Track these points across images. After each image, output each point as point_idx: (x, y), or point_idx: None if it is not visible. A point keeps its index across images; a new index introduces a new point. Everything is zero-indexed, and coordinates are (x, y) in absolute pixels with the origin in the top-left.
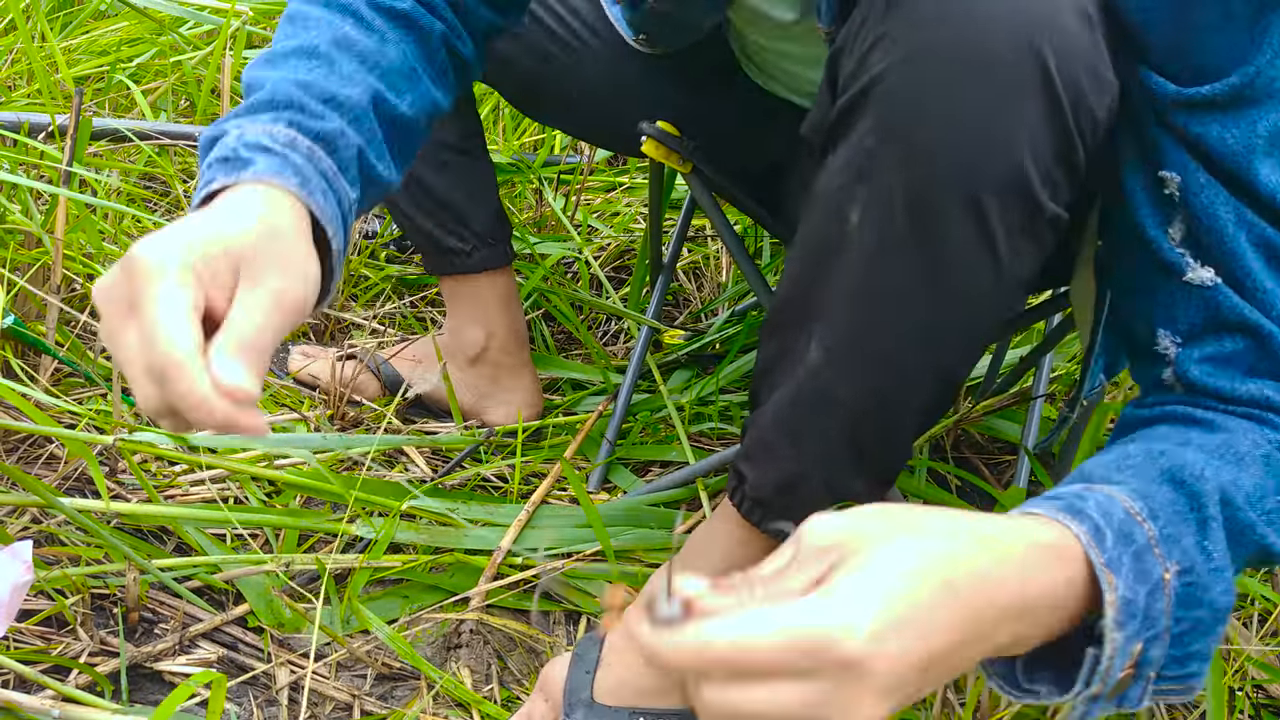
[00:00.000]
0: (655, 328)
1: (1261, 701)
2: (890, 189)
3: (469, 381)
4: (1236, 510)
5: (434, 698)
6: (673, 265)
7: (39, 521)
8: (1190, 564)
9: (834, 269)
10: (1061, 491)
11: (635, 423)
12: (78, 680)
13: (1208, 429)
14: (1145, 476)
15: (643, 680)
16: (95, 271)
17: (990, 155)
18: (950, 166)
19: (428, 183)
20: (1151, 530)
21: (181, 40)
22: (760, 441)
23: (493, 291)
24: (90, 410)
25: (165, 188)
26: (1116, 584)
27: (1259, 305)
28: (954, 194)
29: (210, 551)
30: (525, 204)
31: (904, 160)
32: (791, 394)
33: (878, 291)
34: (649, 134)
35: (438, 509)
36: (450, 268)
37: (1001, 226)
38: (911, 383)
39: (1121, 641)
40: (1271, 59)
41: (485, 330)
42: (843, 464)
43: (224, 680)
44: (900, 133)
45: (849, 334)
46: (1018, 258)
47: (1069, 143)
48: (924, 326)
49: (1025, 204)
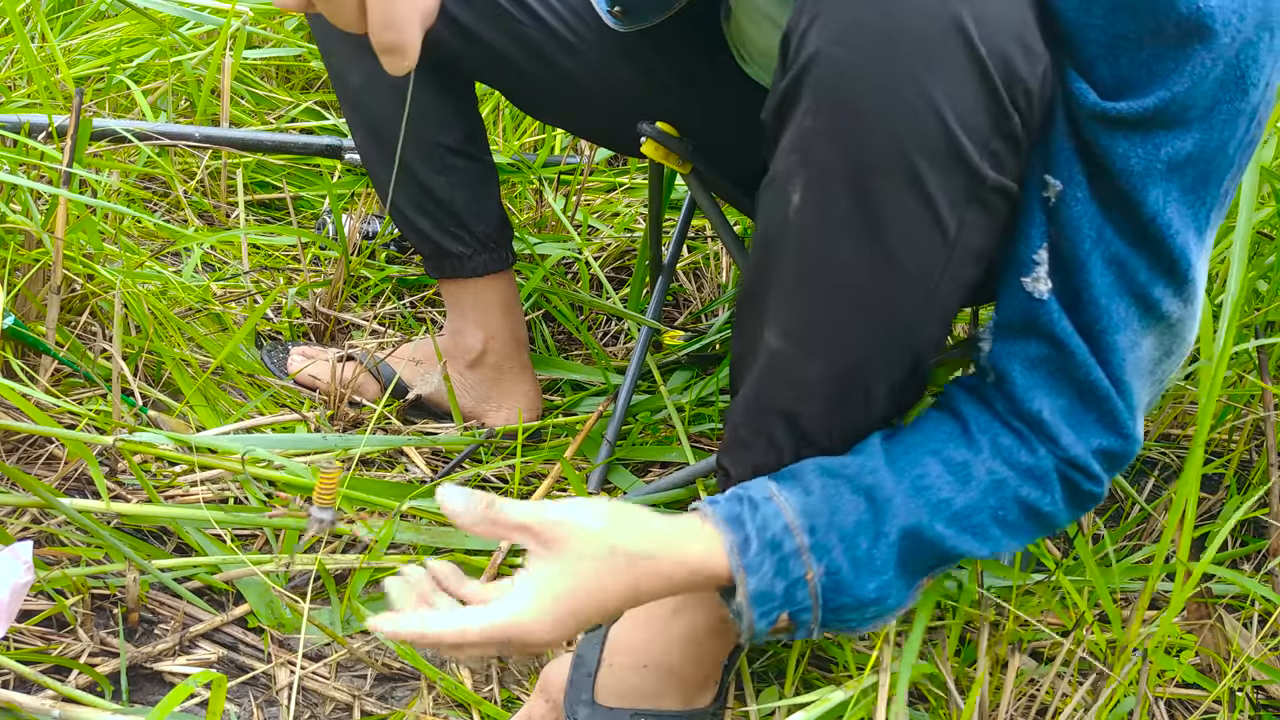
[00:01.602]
0: (655, 328)
1: (1262, 702)
2: (828, 166)
3: (468, 385)
4: (924, 528)
5: (434, 698)
6: (672, 266)
7: (39, 522)
8: (838, 567)
9: (784, 252)
10: (752, 492)
11: (635, 424)
12: (78, 680)
13: (967, 444)
14: (850, 485)
15: (644, 681)
16: (95, 271)
17: (923, 126)
18: (885, 140)
19: (429, 185)
20: (803, 540)
21: (181, 40)
22: (734, 434)
23: (493, 295)
24: (90, 410)
25: (165, 188)
26: (749, 580)
27: (1085, 318)
28: (891, 166)
29: (210, 552)
30: (525, 204)
31: (839, 137)
32: (756, 383)
33: (827, 271)
34: (648, 134)
35: (438, 510)
36: (451, 271)
37: (943, 195)
38: (874, 361)
39: (755, 616)
40: (1189, 89)
41: (485, 334)
42: (816, 452)
43: (224, 680)
44: (834, 110)
45: (804, 317)
46: (965, 227)
47: (1002, 110)
48: (879, 303)
49: (964, 172)
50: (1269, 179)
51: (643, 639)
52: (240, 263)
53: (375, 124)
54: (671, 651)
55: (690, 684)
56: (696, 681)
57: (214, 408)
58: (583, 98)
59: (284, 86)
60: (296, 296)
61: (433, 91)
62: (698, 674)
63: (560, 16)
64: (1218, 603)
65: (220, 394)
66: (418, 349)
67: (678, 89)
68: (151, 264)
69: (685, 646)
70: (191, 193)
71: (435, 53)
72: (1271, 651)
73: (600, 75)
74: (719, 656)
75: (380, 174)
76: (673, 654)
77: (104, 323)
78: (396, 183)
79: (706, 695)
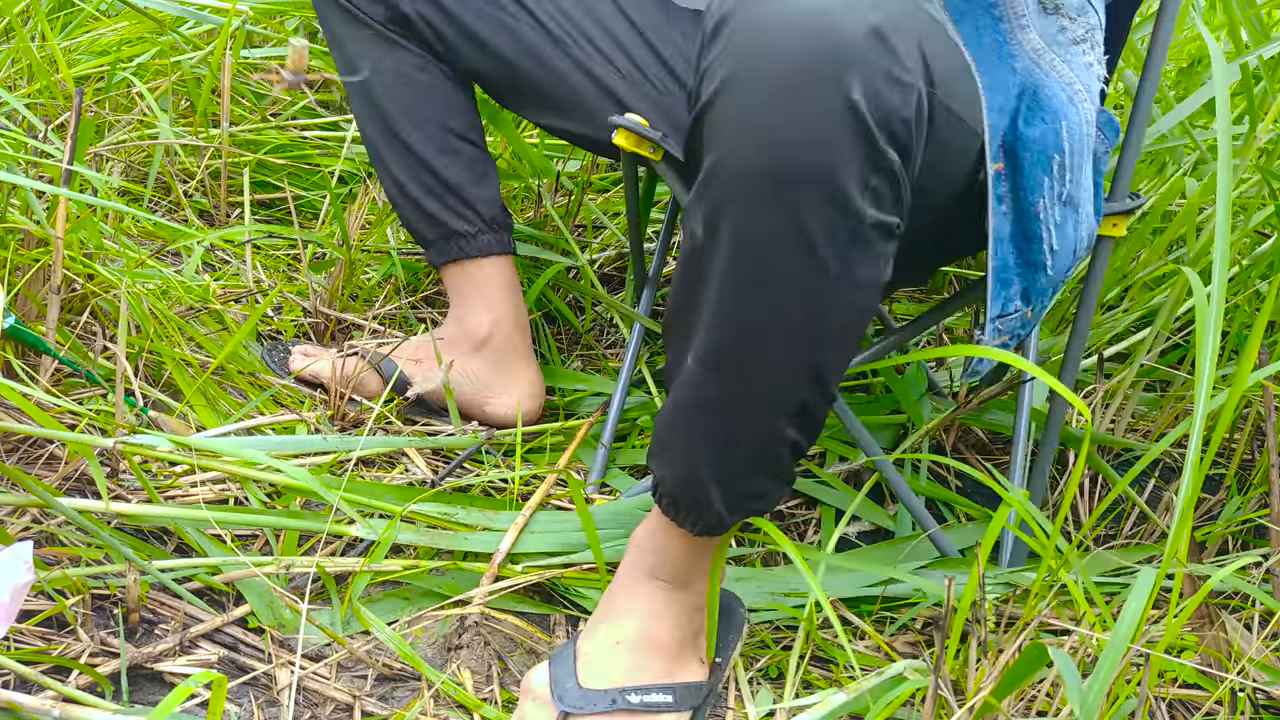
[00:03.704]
0: (647, 325)
1: (1264, 703)
2: (719, 204)
3: (471, 370)
4: None
5: (434, 699)
6: (656, 278)
7: (39, 522)
8: None
9: (692, 279)
10: None
11: (634, 426)
12: (78, 681)
13: None
14: None
15: (619, 658)
16: (96, 271)
17: (802, 172)
18: (766, 187)
19: (435, 166)
20: None
21: (181, 40)
22: (658, 439)
23: (497, 277)
24: (90, 411)
25: (165, 188)
26: None
27: None
28: (772, 210)
29: (211, 553)
30: (525, 205)
31: (729, 179)
32: (674, 396)
33: (725, 300)
34: (619, 124)
35: (437, 513)
36: (457, 252)
37: (823, 235)
38: (775, 383)
39: None
40: None
41: (491, 315)
42: (729, 465)
43: (224, 681)
44: (725, 154)
45: (710, 340)
46: (847, 264)
47: (878, 151)
48: (772, 331)
49: (845, 213)
50: (1269, 179)
51: (606, 623)
52: (241, 262)
53: (382, 112)
54: (636, 623)
55: (669, 651)
56: (674, 647)
57: (214, 408)
58: (572, 96)
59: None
60: (297, 296)
61: (441, 78)
62: (673, 639)
63: (553, 13)
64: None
65: (221, 394)
66: (418, 347)
67: (668, 90)
68: (152, 263)
69: (649, 617)
70: (191, 193)
71: (435, 48)
72: (1273, 652)
73: (591, 74)
74: (691, 624)
75: (389, 161)
76: (639, 624)
77: (104, 323)
78: (405, 169)
79: (692, 668)
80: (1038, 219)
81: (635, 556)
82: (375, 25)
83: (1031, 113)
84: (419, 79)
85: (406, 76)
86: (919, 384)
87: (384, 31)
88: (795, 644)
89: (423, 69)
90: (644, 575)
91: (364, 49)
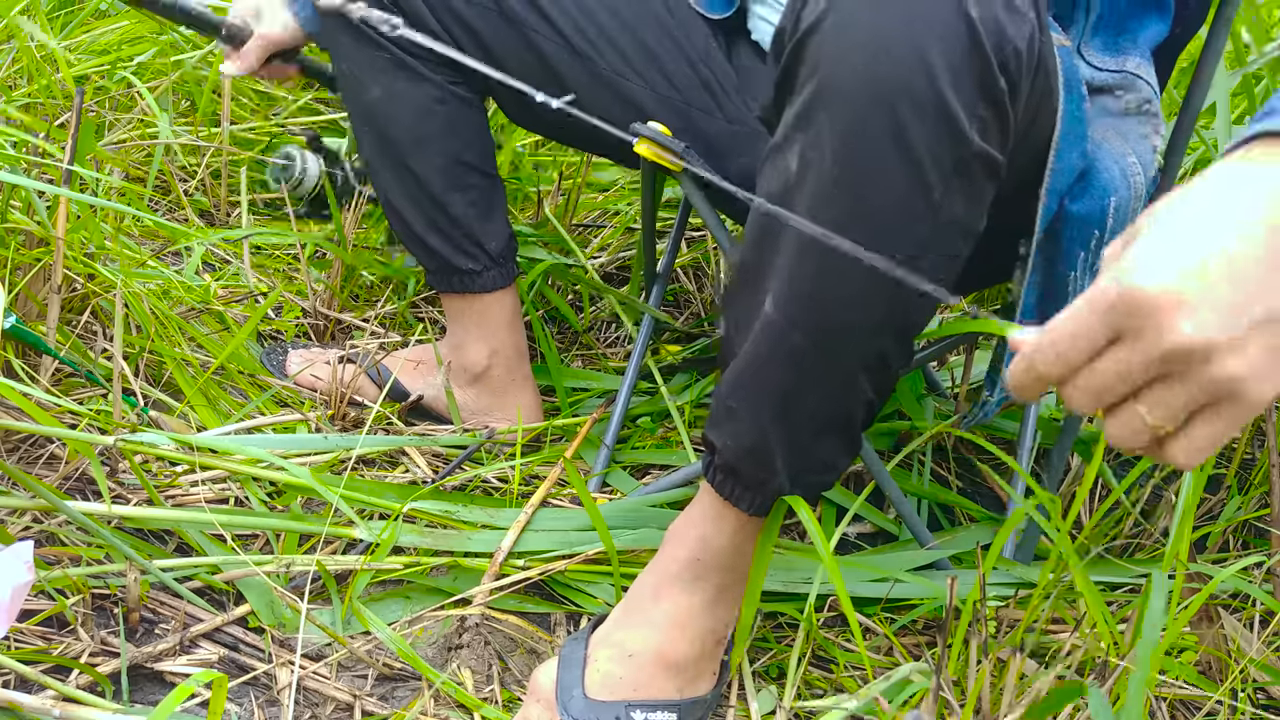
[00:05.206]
0: (657, 317)
1: (1264, 703)
2: (821, 128)
3: (470, 399)
4: None
5: (435, 698)
6: (667, 273)
7: (40, 521)
8: None
9: (773, 227)
10: None
11: (636, 427)
12: (78, 680)
13: None
14: None
15: (632, 671)
16: (96, 271)
17: (911, 85)
18: (873, 99)
19: (444, 202)
20: None
21: (182, 39)
22: (721, 406)
23: (500, 310)
24: (91, 410)
25: (165, 188)
26: None
27: None
28: (879, 126)
29: (211, 552)
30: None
31: (832, 98)
32: (747, 353)
33: (817, 232)
34: (642, 134)
35: (438, 511)
36: (459, 286)
37: (929, 156)
38: (860, 330)
39: None
40: None
41: (489, 348)
42: (800, 424)
43: (225, 680)
44: (829, 73)
45: (797, 284)
46: (950, 194)
47: (990, 75)
48: (865, 269)
49: (951, 135)
50: None
51: (624, 629)
52: (241, 262)
53: (390, 138)
54: (655, 637)
55: (683, 669)
56: (690, 665)
57: (215, 408)
58: (593, 108)
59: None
60: (296, 296)
61: (459, 106)
62: (689, 656)
63: (576, 25)
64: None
65: (221, 394)
66: (418, 351)
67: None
68: (152, 264)
69: (670, 630)
70: (192, 192)
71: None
72: (1273, 652)
73: (611, 85)
74: (714, 635)
75: (389, 187)
76: (657, 639)
77: (105, 322)
78: (408, 199)
79: (704, 682)
80: (1067, 289)
81: (671, 551)
82: (392, 50)
83: (1081, 189)
84: (437, 111)
85: (424, 108)
86: (919, 384)
87: (403, 59)
88: (795, 644)
89: (443, 100)
90: (676, 574)
91: (376, 72)
